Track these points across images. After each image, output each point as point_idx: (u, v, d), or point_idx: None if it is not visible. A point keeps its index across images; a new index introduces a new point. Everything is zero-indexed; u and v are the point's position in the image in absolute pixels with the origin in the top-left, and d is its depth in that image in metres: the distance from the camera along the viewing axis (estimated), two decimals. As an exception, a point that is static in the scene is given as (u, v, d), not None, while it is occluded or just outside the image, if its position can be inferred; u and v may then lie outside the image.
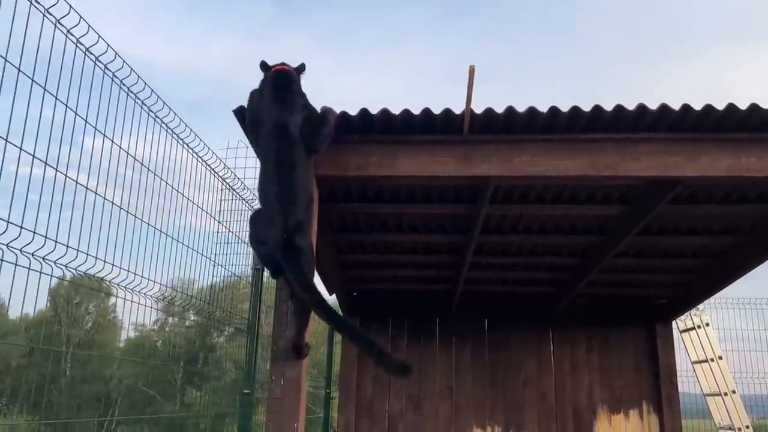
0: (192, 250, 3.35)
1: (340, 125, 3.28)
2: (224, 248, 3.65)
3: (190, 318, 9.78)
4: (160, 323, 26.21)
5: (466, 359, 6.53)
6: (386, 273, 5.99)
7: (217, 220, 3.68)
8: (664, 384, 6.22)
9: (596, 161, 3.31)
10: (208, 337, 18.26)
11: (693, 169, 3.26)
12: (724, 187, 3.92)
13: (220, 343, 14.53)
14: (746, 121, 3.16)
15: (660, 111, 3.13)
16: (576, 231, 4.77)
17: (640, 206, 4.04)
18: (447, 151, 3.33)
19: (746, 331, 7.32)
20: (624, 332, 6.43)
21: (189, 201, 3.31)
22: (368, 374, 6.50)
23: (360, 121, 3.27)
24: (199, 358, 16.98)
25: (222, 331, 12.56)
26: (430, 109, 3.19)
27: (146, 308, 2.98)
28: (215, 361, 13.09)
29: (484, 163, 3.33)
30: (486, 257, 5.29)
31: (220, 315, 4.53)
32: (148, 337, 25.80)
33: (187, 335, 15.35)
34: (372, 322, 6.59)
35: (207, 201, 3.55)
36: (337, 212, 4.47)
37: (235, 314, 4.57)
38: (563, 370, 6.44)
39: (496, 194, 3.93)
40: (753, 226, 4.44)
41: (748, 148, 3.25)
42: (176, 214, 3.12)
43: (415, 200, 4.25)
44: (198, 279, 3.55)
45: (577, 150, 3.31)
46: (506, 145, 3.33)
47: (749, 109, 3.09)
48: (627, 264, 5.31)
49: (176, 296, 3.61)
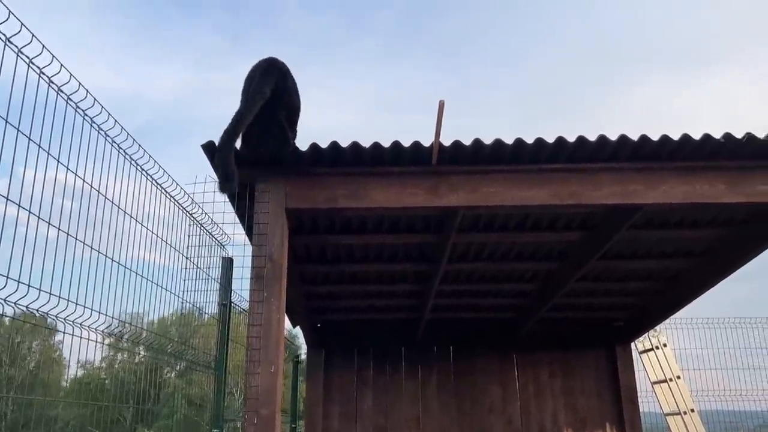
0: (146, 280, 3.22)
1: (309, 157, 3.29)
2: (192, 284, 3.57)
3: (140, 353, 9.47)
4: (108, 360, 25.21)
5: (433, 387, 6.52)
6: (352, 303, 5.97)
7: (181, 253, 3.60)
8: (626, 405, 6.34)
9: (560, 190, 3.41)
10: (159, 373, 17.68)
11: (652, 196, 3.40)
12: (678, 213, 4.09)
13: (172, 379, 14.08)
14: (700, 150, 3.32)
15: (619, 141, 3.26)
16: (538, 257, 4.88)
17: (601, 232, 4.17)
18: (416, 183, 3.38)
19: (703, 350, 7.57)
20: (585, 355, 6.55)
21: (154, 234, 3.24)
22: (335, 406, 6.41)
23: (330, 154, 3.28)
24: (149, 394, 16.39)
25: (174, 366, 12.09)
26: (399, 142, 3.23)
27: (95, 344, 2.86)
28: (166, 398, 12.64)
29: (452, 193, 3.39)
30: (452, 285, 5.34)
31: (172, 350, 4.41)
32: (95, 375, 24.80)
33: (137, 371, 14.81)
34: (337, 353, 6.53)
35: (172, 234, 3.48)
36: (303, 244, 4.45)
37: (190, 348, 4.46)
38: (528, 395, 6.50)
39: (463, 222, 3.99)
40: (705, 250, 4.63)
41: (702, 175, 3.41)
42: (135, 247, 3.03)
43: (382, 230, 4.27)
44: (150, 312, 3.43)
45: (541, 180, 3.41)
46: (474, 176, 3.40)
47: (702, 138, 3.25)
48: (587, 288, 5.45)
49: (126, 330, 3.50)
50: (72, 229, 2.44)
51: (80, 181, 2.45)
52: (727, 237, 4.34)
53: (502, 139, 3.24)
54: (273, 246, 3.24)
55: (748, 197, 3.41)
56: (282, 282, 3.23)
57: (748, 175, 3.42)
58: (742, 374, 8.02)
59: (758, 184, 3.42)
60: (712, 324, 7.43)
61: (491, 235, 4.41)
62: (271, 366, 3.07)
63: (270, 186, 3.32)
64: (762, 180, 3.42)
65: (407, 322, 6.36)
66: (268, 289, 3.18)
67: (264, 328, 3.12)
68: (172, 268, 3.41)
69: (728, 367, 7.86)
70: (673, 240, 4.53)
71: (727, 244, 4.41)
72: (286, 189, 3.34)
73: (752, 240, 4.16)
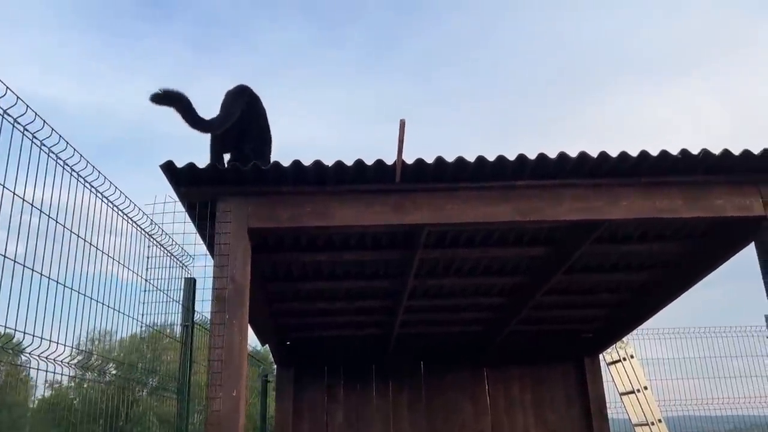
0: (107, 307, 3.14)
1: (272, 176, 3.26)
2: (153, 307, 3.50)
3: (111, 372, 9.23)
4: (77, 380, 24.55)
5: (404, 403, 6.49)
6: (320, 320, 5.92)
7: (139, 275, 3.53)
8: (595, 416, 6.38)
9: (523, 207, 3.43)
10: (130, 392, 17.31)
11: (612, 212, 3.44)
12: (641, 227, 4.14)
13: (143, 397, 13.78)
14: (658, 166, 3.37)
15: (579, 158, 3.30)
16: (506, 271, 4.90)
17: (566, 247, 4.21)
18: (380, 201, 3.37)
19: (669, 360, 7.68)
20: (554, 367, 6.59)
21: (110, 257, 3.16)
22: (305, 424, 6.34)
23: (293, 172, 3.26)
24: (120, 414, 16.03)
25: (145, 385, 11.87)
26: (362, 160, 3.22)
27: (60, 375, 2.78)
28: (138, 417, 12.35)
29: (416, 211, 3.39)
30: (420, 300, 5.33)
31: (143, 368, 4.32)
32: (64, 396, 24.14)
33: (107, 391, 14.47)
34: (307, 371, 6.46)
35: (131, 256, 3.41)
36: (269, 261, 4.40)
37: (159, 367, 4.38)
38: (499, 409, 6.50)
39: (429, 238, 3.99)
40: (669, 262, 4.70)
41: (661, 191, 3.47)
42: (90, 268, 2.95)
43: (349, 247, 4.25)
44: (118, 331, 3.36)
45: (504, 197, 3.43)
46: (438, 193, 3.40)
47: (660, 155, 3.30)
48: (554, 301, 5.48)
49: (90, 357, 3.41)
50: (20, 256, 2.37)
51: (28, 205, 2.39)
52: (688, 250, 4.41)
53: (464, 157, 3.25)
54: (235, 267, 3.19)
55: (705, 212, 3.48)
56: (245, 303, 3.17)
57: (705, 190, 3.49)
58: (710, 383, 8.14)
59: (714, 198, 3.49)
60: (678, 334, 7.56)
61: (458, 251, 4.42)
62: (233, 390, 3.01)
63: (231, 205, 3.28)
64: (718, 195, 3.49)
65: (377, 338, 6.33)
66: (230, 311, 3.12)
67: (226, 351, 3.06)
68: (131, 291, 3.33)
69: (695, 376, 7.98)
70: (637, 253, 4.59)
71: (689, 257, 4.48)
72: (248, 208, 3.30)
73: (712, 253, 4.24)
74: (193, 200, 3.35)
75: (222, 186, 3.29)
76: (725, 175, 3.47)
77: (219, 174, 3.24)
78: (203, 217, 3.34)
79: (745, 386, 7.87)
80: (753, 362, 7.91)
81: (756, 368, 7.71)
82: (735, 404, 8.09)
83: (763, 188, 3.50)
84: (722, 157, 3.33)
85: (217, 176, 3.25)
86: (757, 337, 7.88)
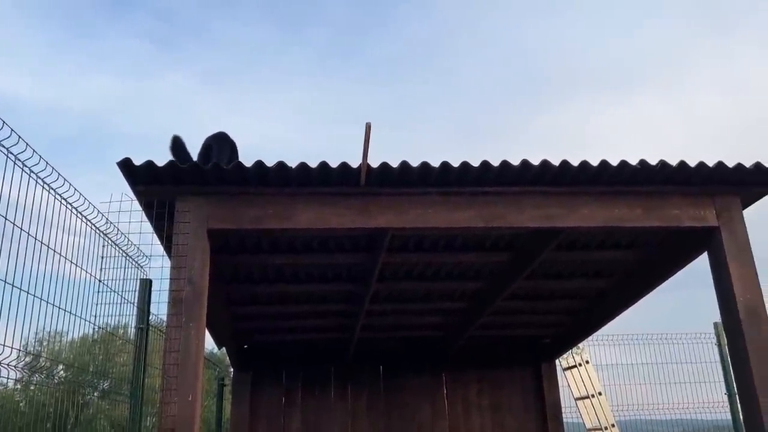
0: (56, 307, 3.01)
1: (234, 177, 3.20)
2: (106, 308, 3.38)
3: (60, 374, 8.97)
4: (24, 383, 23.73)
5: (362, 407, 6.46)
6: (280, 324, 5.85)
7: (92, 274, 3.40)
8: (551, 421, 6.48)
9: (485, 213, 3.45)
10: (80, 395, 16.82)
11: (573, 219, 3.49)
12: (599, 235, 4.22)
13: (94, 400, 13.38)
14: (617, 176, 3.44)
15: (542, 166, 3.34)
16: (467, 277, 4.92)
17: (526, 253, 4.25)
18: (345, 204, 3.35)
19: (622, 365, 7.84)
20: (512, 372, 6.66)
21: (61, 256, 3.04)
22: (261, 428, 6.24)
23: (256, 173, 3.20)
24: (69, 417, 15.54)
25: (95, 388, 11.54)
26: (327, 163, 3.19)
27: (6, 379, 2.66)
28: (87, 421, 12.03)
29: (381, 215, 3.38)
30: (382, 304, 5.31)
31: (93, 371, 4.17)
32: (9, 398, 23.28)
33: (55, 393, 14.02)
34: (265, 375, 6.37)
35: (83, 255, 3.29)
36: (230, 263, 4.31)
37: (112, 369, 4.24)
38: (456, 413, 6.53)
39: (393, 243, 3.98)
40: (626, 270, 4.80)
41: (620, 200, 3.54)
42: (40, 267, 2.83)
43: (311, 250, 4.20)
44: (69, 333, 3.23)
45: (468, 202, 3.45)
46: (402, 197, 3.40)
47: (620, 164, 3.37)
48: (514, 307, 5.54)
49: (38, 358, 3.28)
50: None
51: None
52: (644, 258, 4.51)
53: (429, 162, 3.26)
54: (193, 268, 3.12)
55: (662, 221, 3.56)
56: (202, 306, 3.10)
57: (662, 200, 3.57)
58: (661, 388, 8.33)
59: (671, 208, 3.57)
60: (631, 340, 7.72)
61: (421, 255, 4.42)
62: (189, 394, 2.94)
63: (191, 205, 3.20)
64: (675, 205, 3.58)
65: (337, 342, 6.28)
66: (187, 313, 3.05)
67: (182, 355, 2.98)
68: (83, 291, 3.21)
69: (647, 381, 8.16)
70: (595, 261, 4.67)
71: (645, 265, 4.58)
72: (208, 208, 3.23)
73: (667, 261, 4.34)
74: (151, 199, 3.26)
75: (181, 185, 3.22)
76: (681, 186, 3.56)
77: (179, 173, 3.16)
78: (161, 216, 3.26)
79: (694, 392, 8.10)
80: (702, 368, 8.13)
81: (704, 374, 7.92)
82: (684, 409, 8.31)
83: (717, 199, 3.61)
84: (679, 168, 3.42)
85: (176, 175, 3.17)
86: (706, 344, 8.11)
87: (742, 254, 3.56)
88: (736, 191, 3.63)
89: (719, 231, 3.57)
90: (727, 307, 3.54)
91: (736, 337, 3.46)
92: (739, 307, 3.45)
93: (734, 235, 3.57)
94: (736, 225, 3.60)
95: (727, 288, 3.52)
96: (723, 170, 3.45)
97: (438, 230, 3.67)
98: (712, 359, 7.29)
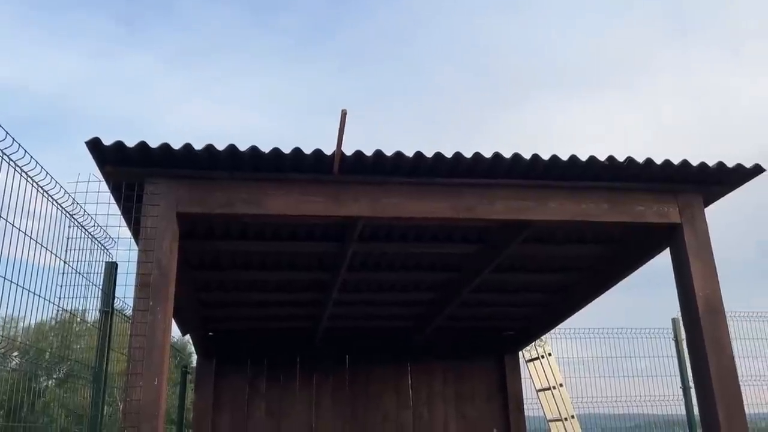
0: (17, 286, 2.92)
1: (205, 160, 3.16)
2: (69, 290, 3.30)
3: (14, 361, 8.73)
4: (-24, 368, 23.05)
5: (327, 396, 6.46)
6: (247, 312, 5.81)
7: (56, 255, 3.32)
8: (513, 412, 6.59)
9: (456, 204, 3.49)
10: (35, 382, 16.44)
11: (542, 213, 3.55)
12: (565, 229, 4.29)
13: (51, 388, 13.06)
14: (586, 171, 3.50)
15: (513, 159, 3.38)
16: (436, 268, 4.96)
17: (495, 245, 4.31)
18: (317, 191, 3.34)
19: (583, 359, 8.01)
20: (476, 363, 6.75)
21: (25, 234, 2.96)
22: (225, 416, 6.20)
23: (227, 157, 3.16)
24: (24, 404, 15.16)
25: (52, 375, 11.25)
26: (300, 149, 3.17)
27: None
28: (42, 408, 11.78)
29: (353, 203, 3.38)
30: (350, 294, 5.31)
31: (50, 356, 4.07)
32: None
33: (9, 380, 13.66)
34: (229, 362, 6.32)
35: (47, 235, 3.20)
36: (197, 249, 4.26)
37: (70, 356, 4.15)
38: (421, 402, 6.59)
39: (363, 232, 3.98)
40: (589, 265, 4.90)
41: (587, 195, 3.61)
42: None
43: (281, 238, 4.18)
44: (28, 316, 3.15)
45: (439, 193, 3.47)
46: (375, 186, 3.40)
47: (588, 160, 3.43)
48: (482, 299, 5.61)
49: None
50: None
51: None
52: (608, 253, 4.61)
53: (402, 151, 3.27)
54: (161, 252, 3.08)
55: (627, 217, 3.65)
56: (170, 290, 3.07)
57: (628, 196, 3.66)
58: (620, 381, 8.53)
59: (636, 204, 3.66)
60: (593, 334, 7.89)
61: (391, 245, 4.43)
62: (155, 378, 2.90)
63: (161, 188, 3.16)
64: (640, 201, 3.67)
65: (304, 330, 6.27)
66: (154, 297, 3.01)
67: (148, 339, 2.94)
68: (45, 272, 3.13)
69: (606, 374, 8.35)
70: (562, 255, 4.76)
71: (608, 260, 4.69)
72: (178, 192, 3.19)
73: (630, 257, 4.45)
74: (119, 180, 3.20)
75: (151, 167, 3.17)
76: (647, 183, 3.65)
77: (149, 154, 3.10)
78: (129, 199, 3.20)
79: (653, 385, 8.33)
80: (659, 363, 8.36)
81: (661, 368, 8.16)
82: (641, 403, 8.54)
83: (681, 197, 3.71)
84: (645, 166, 3.50)
85: (146, 157, 3.11)
86: (663, 338, 8.33)
87: (702, 251, 3.67)
88: (699, 190, 3.74)
89: (682, 228, 3.67)
90: (687, 302, 3.65)
91: (695, 331, 3.57)
92: (699, 303, 3.56)
93: (696, 233, 3.68)
94: (698, 223, 3.70)
95: (687, 283, 3.62)
96: (687, 169, 3.55)
97: (409, 220, 3.69)
98: (670, 354, 7.52)
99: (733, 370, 3.49)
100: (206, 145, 3.15)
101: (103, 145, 3.02)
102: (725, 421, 3.36)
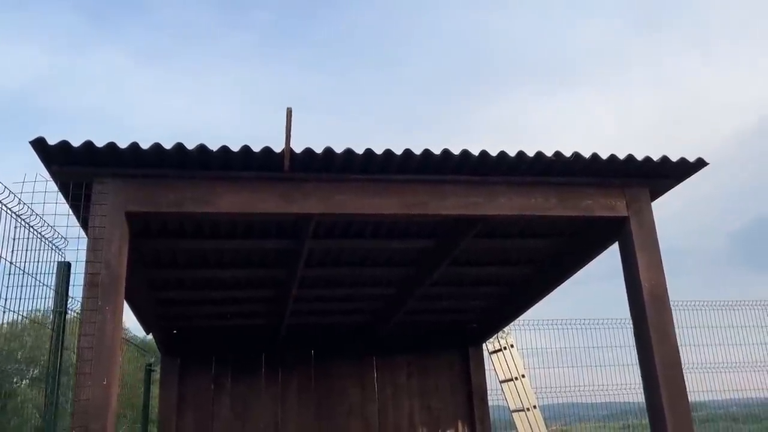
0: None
1: (152, 159, 3.15)
2: (17, 292, 3.26)
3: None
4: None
5: (293, 392, 6.49)
6: (208, 309, 5.79)
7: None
8: (477, 402, 6.69)
9: (408, 200, 3.53)
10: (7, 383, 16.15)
11: (492, 208, 3.62)
12: (518, 224, 4.37)
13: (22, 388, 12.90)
14: (534, 166, 3.57)
15: (462, 156, 3.43)
16: (394, 263, 5.01)
17: (449, 240, 4.37)
18: (268, 189, 3.35)
19: (546, 350, 8.17)
20: (440, 356, 6.83)
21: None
22: (190, 414, 6.18)
23: (175, 156, 3.16)
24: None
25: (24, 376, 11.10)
26: (249, 147, 3.18)
27: None
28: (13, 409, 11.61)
29: (304, 200, 3.40)
30: (310, 290, 5.34)
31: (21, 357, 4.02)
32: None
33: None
34: (193, 361, 6.30)
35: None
36: (152, 247, 4.24)
37: (40, 357, 4.11)
38: (386, 396, 6.65)
39: (318, 229, 4.01)
40: (543, 258, 4.99)
41: (536, 190, 3.68)
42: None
43: (236, 235, 4.18)
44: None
45: (391, 189, 3.51)
46: (326, 183, 3.43)
47: (536, 155, 3.50)
48: (441, 292, 5.67)
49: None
50: None
51: None
52: (561, 247, 4.71)
53: (352, 148, 3.29)
54: (110, 252, 3.06)
55: (576, 211, 3.73)
56: (119, 290, 3.06)
57: (577, 191, 3.74)
58: (584, 371, 8.72)
59: (585, 199, 3.75)
60: (556, 325, 8.06)
61: (347, 242, 4.47)
62: (104, 378, 2.90)
63: (108, 187, 3.14)
64: (588, 195, 3.75)
65: (267, 327, 6.27)
66: (103, 297, 2.99)
67: (97, 338, 2.93)
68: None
69: (570, 365, 8.53)
70: (516, 249, 4.85)
71: (561, 254, 4.79)
72: (126, 191, 3.17)
73: (582, 250, 4.55)
74: (66, 180, 3.17)
75: (99, 167, 3.14)
76: (594, 178, 3.73)
77: (95, 154, 3.08)
78: (77, 198, 3.18)
79: (619, 374, 8.52)
80: (623, 352, 8.57)
81: (626, 358, 8.36)
82: (606, 391, 8.73)
83: (628, 191, 3.81)
84: (592, 160, 3.58)
85: (93, 156, 3.09)
86: (626, 329, 8.53)
87: (649, 243, 3.77)
88: (646, 183, 3.84)
89: (629, 221, 3.76)
90: (633, 292, 3.76)
91: (641, 320, 3.68)
92: (644, 293, 3.66)
93: (642, 225, 3.78)
94: (645, 215, 3.81)
95: (634, 275, 3.73)
96: (633, 163, 3.64)
97: (362, 216, 3.73)
98: (632, 344, 7.70)
99: (677, 358, 3.61)
100: (153, 143, 3.14)
101: (48, 145, 2.99)
102: (669, 407, 3.46)
